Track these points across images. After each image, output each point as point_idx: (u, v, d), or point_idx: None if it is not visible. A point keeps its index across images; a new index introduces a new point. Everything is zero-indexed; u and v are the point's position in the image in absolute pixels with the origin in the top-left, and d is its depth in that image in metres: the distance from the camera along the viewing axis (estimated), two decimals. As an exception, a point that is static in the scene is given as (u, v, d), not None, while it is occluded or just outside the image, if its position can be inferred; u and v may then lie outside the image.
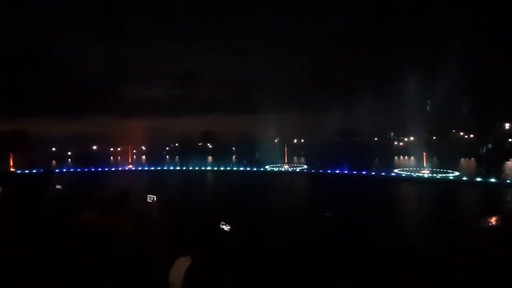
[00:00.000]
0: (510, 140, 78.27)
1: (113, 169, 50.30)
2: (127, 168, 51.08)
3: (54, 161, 65.32)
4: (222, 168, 48.70)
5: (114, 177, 41.62)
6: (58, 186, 21.55)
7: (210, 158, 68.63)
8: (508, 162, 49.76)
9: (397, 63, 42.69)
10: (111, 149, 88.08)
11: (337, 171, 40.50)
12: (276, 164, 51.40)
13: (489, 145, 70.50)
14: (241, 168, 48.75)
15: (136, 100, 55.24)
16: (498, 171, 39.28)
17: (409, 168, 43.49)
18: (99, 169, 47.96)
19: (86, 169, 49.07)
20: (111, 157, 77.16)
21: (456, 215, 19.74)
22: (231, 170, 47.53)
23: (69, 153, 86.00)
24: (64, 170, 49.14)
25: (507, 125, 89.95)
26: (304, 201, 24.11)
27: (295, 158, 59.65)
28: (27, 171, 43.13)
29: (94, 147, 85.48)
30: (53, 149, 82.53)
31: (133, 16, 50.60)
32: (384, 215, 19.36)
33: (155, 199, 20.93)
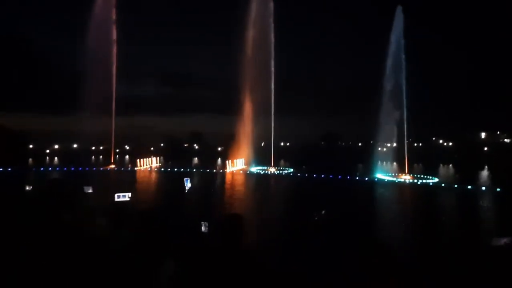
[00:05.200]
0: (485, 148, 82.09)
1: (94, 169, 48.69)
2: (108, 168, 49.55)
3: (30, 159, 62.65)
4: (208, 170, 48.21)
5: (94, 177, 40.27)
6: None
7: (196, 159, 67.82)
8: (483, 170, 52.01)
9: (380, 69, 43.72)
10: (93, 148, 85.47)
11: (322, 175, 40.92)
12: (262, 167, 51.38)
13: (466, 153, 73.62)
14: (227, 170, 48.39)
15: (121, 97, 53.63)
16: (474, 178, 40.98)
17: (392, 173, 44.55)
18: (80, 169, 46.29)
19: (65, 168, 47.26)
20: (93, 156, 74.82)
21: (439, 217, 20.33)
22: (218, 172, 47.11)
23: (47, 151, 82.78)
24: (42, 169, 47.09)
25: (483, 134, 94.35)
26: (290, 203, 24.16)
27: (282, 161, 59.88)
28: (1, 169, 41.06)
29: (75, 145, 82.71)
30: (31, 146, 79.23)
31: (120, 12, 49.37)
32: (371, 217, 19.66)
33: (130, 196, 16.24)
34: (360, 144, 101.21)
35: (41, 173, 42.81)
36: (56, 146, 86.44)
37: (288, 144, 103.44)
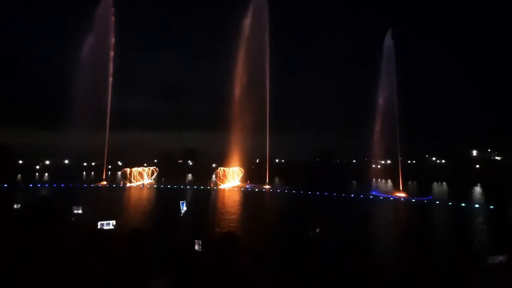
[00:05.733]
0: (477, 166, 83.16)
1: (85, 185, 47.69)
2: (100, 185, 48.57)
3: (19, 175, 61.19)
4: (202, 187, 47.65)
5: (85, 194, 39.39)
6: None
7: (189, 176, 67.11)
8: (476, 187, 52.43)
9: (373, 88, 44.83)
10: (85, 163, 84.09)
11: (317, 193, 40.74)
12: (256, 184, 50.96)
13: (459, 170, 74.41)
14: (221, 187, 47.86)
15: (115, 113, 53.40)
16: (468, 195, 41.22)
17: (387, 190, 44.55)
18: (70, 185, 45.31)
19: (55, 185, 46.17)
20: (84, 173, 73.48)
21: (435, 235, 20.19)
22: (212, 189, 46.54)
23: (38, 166, 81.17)
24: (31, 185, 45.92)
25: (474, 152, 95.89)
26: (285, 221, 23.82)
27: (276, 178, 59.58)
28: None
29: (66, 161, 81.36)
30: (20, 161, 77.68)
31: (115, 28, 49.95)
32: (368, 234, 19.46)
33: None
34: (354, 161, 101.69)
35: (29, 189, 41.71)
36: (47, 162, 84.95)
37: (283, 160, 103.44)
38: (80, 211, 18.69)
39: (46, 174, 69.88)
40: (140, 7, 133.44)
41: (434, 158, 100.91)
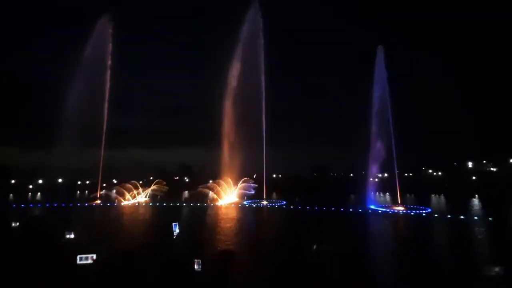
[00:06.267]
0: (474, 177, 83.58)
1: (78, 204, 46.61)
2: (93, 204, 47.52)
3: (11, 195, 59.76)
4: (198, 204, 46.90)
5: (78, 214, 38.42)
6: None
7: (185, 193, 66.18)
8: (473, 199, 52.40)
9: (368, 102, 45.46)
10: (79, 182, 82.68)
11: (315, 207, 40.29)
12: (254, 200, 50.38)
13: (456, 182, 74.65)
14: (219, 203, 47.18)
15: (110, 130, 53.01)
16: (466, 207, 41.09)
17: (385, 204, 44.26)
18: (63, 205, 44.26)
19: (47, 204, 45.06)
20: (78, 191, 72.07)
21: (439, 250, 19.86)
22: (209, 205, 45.80)
23: (31, 186, 79.55)
24: (23, 205, 44.76)
25: (470, 164, 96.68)
26: (286, 235, 23.38)
27: (274, 193, 58.99)
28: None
29: (60, 180, 79.97)
30: (13, 181, 76.18)
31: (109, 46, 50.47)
32: (369, 249, 19.10)
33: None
34: (351, 174, 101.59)
35: (21, 209, 40.56)
36: (40, 181, 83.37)
37: (280, 175, 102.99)
38: (72, 236, 18.09)
39: (39, 193, 68.37)
40: (138, 26, 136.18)
41: (430, 171, 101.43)
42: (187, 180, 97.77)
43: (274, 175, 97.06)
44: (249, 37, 53.24)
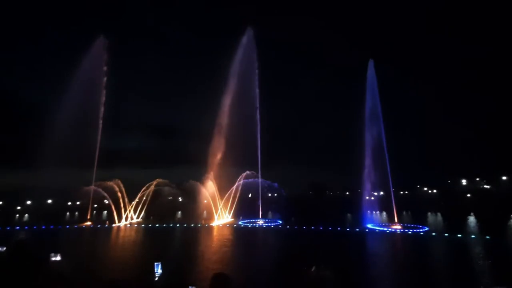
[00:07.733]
0: (468, 195, 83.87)
1: (67, 226, 45.04)
2: (84, 226, 46.00)
3: (-2, 217, 57.51)
4: (192, 224, 45.73)
5: (66, 237, 37.00)
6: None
7: (179, 213, 64.69)
8: (470, 217, 52.23)
9: (360, 121, 46.10)
10: (69, 203, 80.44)
11: (312, 227, 39.60)
12: (250, 219, 49.40)
13: (451, 200, 74.68)
14: (213, 224, 46.08)
15: (103, 151, 52.34)
16: (463, 226, 40.81)
17: (382, 223, 43.73)
18: (51, 227, 42.71)
19: (35, 227, 43.41)
20: (67, 213, 69.91)
21: (441, 272, 19.44)
22: (203, 226, 44.66)
23: (18, 207, 77.02)
24: (8, 228, 43.04)
25: (464, 181, 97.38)
26: (283, 256, 22.69)
27: (270, 213, 58.03)
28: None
29: (49, 201, 77.69)
30: (0, 202, 73.77)
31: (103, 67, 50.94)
32: (370, 271, 18.58)
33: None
34: (347, 193, 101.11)
35: (7, 232, 38.88)
36: (28, 202, 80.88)
37: (275, 194, 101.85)
38: (58, 258, 17.25)
39: (26, 215, 66.06)
40: (131, 47, 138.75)
41: (425, 188, 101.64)
42: (180, 199, 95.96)
43: (270, 194, 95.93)
44: (244, 60, 54.55)
